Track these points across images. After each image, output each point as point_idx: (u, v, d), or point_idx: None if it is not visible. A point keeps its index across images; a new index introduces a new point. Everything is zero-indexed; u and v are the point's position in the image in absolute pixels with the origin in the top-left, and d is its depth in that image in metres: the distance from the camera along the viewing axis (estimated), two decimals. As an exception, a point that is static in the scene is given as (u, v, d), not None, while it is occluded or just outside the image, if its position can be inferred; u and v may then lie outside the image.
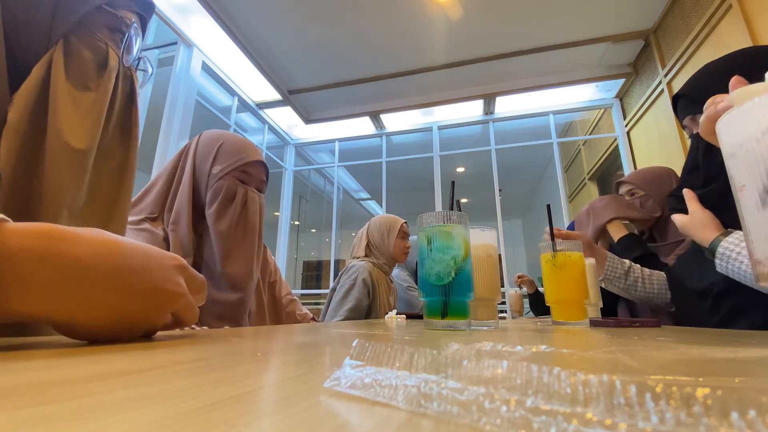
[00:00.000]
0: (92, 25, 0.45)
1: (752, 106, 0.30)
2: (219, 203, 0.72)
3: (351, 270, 1.51)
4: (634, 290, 0.95)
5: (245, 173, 0.76)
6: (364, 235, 1.65)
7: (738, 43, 1.91)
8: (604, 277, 0.97)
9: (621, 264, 0.96)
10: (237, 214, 0.73)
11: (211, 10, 2.44)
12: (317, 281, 5.64)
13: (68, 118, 0.41)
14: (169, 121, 2.52)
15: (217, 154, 0.75)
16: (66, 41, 0.43)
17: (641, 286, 0.94)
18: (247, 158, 0.76)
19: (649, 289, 0.94)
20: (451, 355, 0.13)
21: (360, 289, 1.44)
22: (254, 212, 0.76)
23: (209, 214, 0.73)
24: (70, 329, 0.27)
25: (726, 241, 0.68)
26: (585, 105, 3.43)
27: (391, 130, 3.89)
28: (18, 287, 0.23)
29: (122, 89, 0.49)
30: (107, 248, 0.28)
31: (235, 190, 0.74)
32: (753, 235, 0.30)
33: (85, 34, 0.45)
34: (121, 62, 0.48)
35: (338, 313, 1.42)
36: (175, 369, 0.18)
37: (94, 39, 0.46)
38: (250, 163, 0.76)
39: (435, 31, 2.69)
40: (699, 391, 0.08)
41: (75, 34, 0.44)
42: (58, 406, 0.11)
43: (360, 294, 1.43)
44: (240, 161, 0.75)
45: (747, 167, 0.30)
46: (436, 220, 0.56)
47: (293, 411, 0.11)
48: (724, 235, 0.69)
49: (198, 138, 0.80)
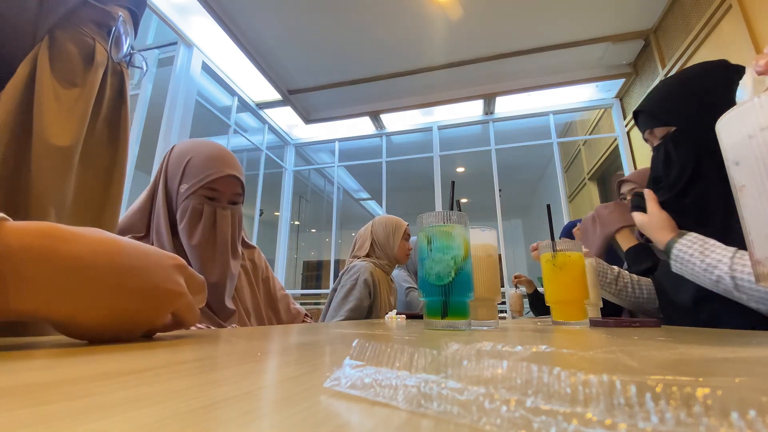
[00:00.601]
0: (78, 21, 0.45)
1: (752, 105, 0.30)
2: (187, 222, 0.71)
3: (352, 270, 1.51)
4: (624, 295, 0.95)
5: (213, 190, 0.73)
6: (368, 234, 1.65)
7: (738, 43, 1.91)
8: None
9: (610, 270, 0.96)
10: (207, 231, 0.72)
11: (211, 10, 2.44)
12: (317, 281, 5.64)
13: (52, 116, 0.41)
14: (169, 121, 2.52)
15: (184, 172, 0.73)
16: (51, 37, 0.43)
17: (631, 291, 0.95)
18: (213, 174, 0.72)
19: (639, 295, 0.95)
20: (451, 355, 0.13)
21: (361, 289, 1.44)
22: (224, 230, 0.74)
23: (180, 230, 0.72)
24: (70, 328, 0.27)
25: (680, 243, 0.69)
26: (585, 105, 3.43)
27: (391, 130, 3.89)
28: (18, 286, 0.23)
29: (111, 85, 0.48)
30: (107, 247, 0.28)
31: (202, 210, 0.72)
32: (753, 235, 0.30)
33: (71, 29, 0.44)
34: (110, 57, 0.48)
35: (339, 312, 1.42)
36: (175, 369, 0.18)
37: (81, 34, 0.45)
38: (218, 179, 0.73)
39: (435, 31, 2.69)
40: (699, 391, 0.08)
41: (60, 30, 0.43)
42: (58, 406, 0.11)
43: (361, 294, 1.43)
44: (206, 178, 0.72)
45: (747, 167, 0.30)
46: (436, 220, 0.56)
47: (293, 411, 0.11)
48: (679, 236, 0.70)
49: (170, 153, 0.78)
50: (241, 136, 3.39)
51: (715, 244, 0.65)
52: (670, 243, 0.71)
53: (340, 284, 1.52)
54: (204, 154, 0.75)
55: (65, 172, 0.42)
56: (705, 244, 0.66)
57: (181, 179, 0.73)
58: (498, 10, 2.51)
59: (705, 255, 0.64)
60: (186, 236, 0.71)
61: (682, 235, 0.70)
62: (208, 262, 0.72)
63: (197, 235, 0.71)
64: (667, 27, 2.52)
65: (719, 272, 0.62)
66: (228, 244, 0.75)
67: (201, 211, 0.72)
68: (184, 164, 0.74)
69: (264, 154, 3.69)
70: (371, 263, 1.54)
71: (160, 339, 0.32)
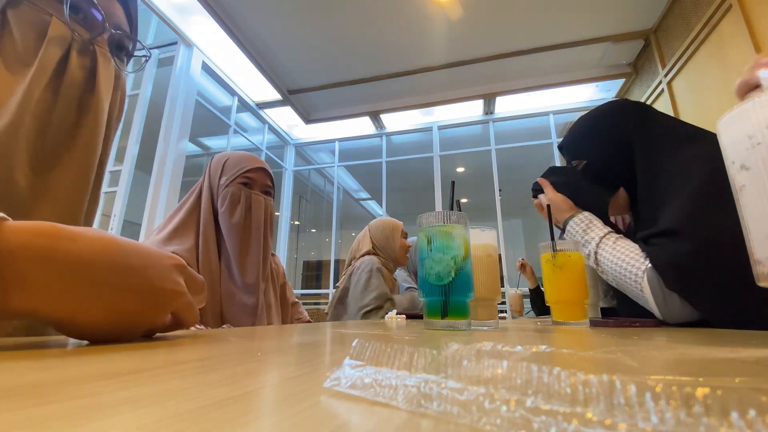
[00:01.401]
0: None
1: (752, 105, 0.30)
2: (227, 206, 0.84)
3: (363, 264, 1.50)
4: None
5: (247, 178, 0.88)
6: (367, 239, 1.64)
7: (738, 43, 1.91)
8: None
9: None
10: (244, 212, 0.85)
11: (211, 10, 2.44)
12: (317, 281, 5.64)
13: None
14: (169, 121, 2.52)
15: (224, 168, 0.89)
16: (3, 18, 0.41)
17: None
18: (248, 166, 0.88)
19: None
20: (451, 355, 0.13)
21: (379, 277, 1.45)
22: (258, 214, 0.87)
23: (221, 214, 0.84)
24: (70, 328, 0.27)
25: (572, 221, 0.81)
26: (585, 105, 3.43)
27: (391, 130, 3.89)
28: (18, 285, 0.23)
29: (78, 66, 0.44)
30: (106, 246, 0.28)
31: (239, 194, 0.86)
32: (753, 235, 0.30)
33: (24, 7, 0.41)
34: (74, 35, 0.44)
35: (364, 301, 1.40)
36: (175, 369, 0.18)
37: (37, 11, 0.42)
38: (251, 169, 0.88)
39: (435, 31, 2.69)
40: (699, 391, 0.08)
41: (12, 9, 0.41)
42: (58, 406, 0.11)
43: (380, 281, 1.44)
44: (242, 170, 0.87)
45: (747, 167, 0.30)
46: (436, 220, 0.56)
47: (293, 411, 0.11)
48: (575, 214, 0.81)
49: (210, 161, 0.94)
50: (241, 136, 3.39)
51: (598, 225, 0.77)
52: (567, 220, 0.82)
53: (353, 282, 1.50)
54: (239, 154, 0.91)
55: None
56: (590, 224, 0.78)
57: (221, 174, 0.88)
58: (498, 10, 2.51)
59: (585, 232, 0.77)
60: (227, 217, 0.83)
61: (576, 214, 0.81)
62: (246, 238, 0.84)
63: (236, 215, 0.84)
64: (667, 27, 2.52)
65: (589, 249, 0.75)
66: (261, 225, 0.87)
67: (239, 195, 0.86)
68: (223, 163, 0.89)
69: (264, 154, 3.69)
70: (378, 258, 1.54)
71: (160, 339, 0.32)
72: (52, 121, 0.42)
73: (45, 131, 0.42)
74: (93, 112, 0.45)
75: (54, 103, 0.42)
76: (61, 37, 0.43)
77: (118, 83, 0.50)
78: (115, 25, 0.49)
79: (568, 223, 0.81)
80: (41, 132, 0.41)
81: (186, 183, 2.55)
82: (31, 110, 0.40)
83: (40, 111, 0.41)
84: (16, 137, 0.39)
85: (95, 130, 0.45)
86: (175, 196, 2.43)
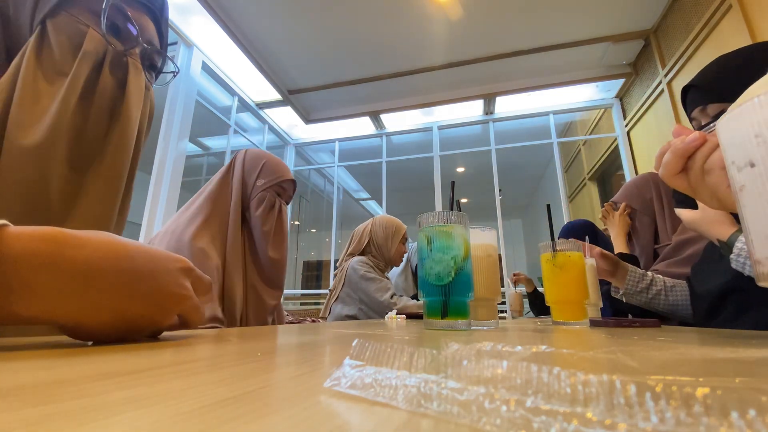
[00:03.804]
0: (72, 9, 0.44)
1: (752, 105, 0.30)
2: (263, 210, 0.90)
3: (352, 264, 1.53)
4: (657, 303, 0.92)
5: (281, 188, 0.94)
6: (367, 232, 1.65)
7: (738, 43, 1.90)
8: (625, 292, 0.94)
9: (643, 277, 0.93)
10: (275, 220, 0.91)
11: (211, 10, 2.44)
12: (317, 281, 5.64)
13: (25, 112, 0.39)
14: (169, 121, 2.52)
15: (261, 170, 0.93)
16: (42, 27, 0.42)
17: (664, 298, 0.92)
18: (284, 177, 0.95)
19: (673, 301, 0.91)
20: (451, 355, 0.13)
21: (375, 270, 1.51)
22: (286, 221, 0.95)
23: (255, 216, 0.89)
24: (74, 331, 0.27)
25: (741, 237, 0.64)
26: (585, 105, 3.43)
27: (391, 130, 3.88)
28: (23, 292, 0.23)
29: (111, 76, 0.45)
30: (113, 251, 0.27)
31: (274, 202, 0.92)
32: (753, 235, 0.30)
33: (63, 18, 0.43)
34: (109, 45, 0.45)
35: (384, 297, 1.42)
36: (175, 369, 0.18)
37: (74, 22, 0.43)
38: (286, 180, 0.95)
39: (435, 31, 2.69)
40: (699, 391, 0.08)
41: (51, 19, 0.42)
42: (59, 406, 0.11)
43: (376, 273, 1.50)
44: (279, 178, 0.93)
45: (747, 167, 0.30)
46: (436, 220, 0.56)
47: (293, 411, 0.11)
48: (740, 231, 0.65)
49: (245, 154, 0.98)
50: (241, 136, 3.39)
51: None
52: (734, 236, 0.65)
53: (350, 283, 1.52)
54: (275, 160, 0.97)
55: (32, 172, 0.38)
56: None
57: (258, 175, 0.93)
58: (498, 10, 2.51)
59: None
60: (260, 222, 0.89)
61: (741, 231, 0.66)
62: (278, 242, 0.91)
63: (270, 221, 0.90)
64: (667, 27, 2.52)
65: None
66: (287, 232, 0.95)
67: (274, 203, 0.92)
68: (261, 164, 0.94)
69: (264, 154, 3.69)
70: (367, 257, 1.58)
71: (163, 339, 0.33)
72: (86, 130, 0.43)
73: (80, 139, 0.43)
74: (124, 122, 0.46)
75: (88, 111, 0.43)
76: (96, 48, 0.44)
77: (147, 95, 0.51)
78: (148, 40, 0.50)
79: (736, 239, 0.64)
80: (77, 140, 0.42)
81: (186, 183, 2.55)
82: (68, 119, 0.41)
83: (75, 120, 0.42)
84: (54, 146, 0.40)
85: (125, 140, 0.46)
86: (175, 196, 2.43)
